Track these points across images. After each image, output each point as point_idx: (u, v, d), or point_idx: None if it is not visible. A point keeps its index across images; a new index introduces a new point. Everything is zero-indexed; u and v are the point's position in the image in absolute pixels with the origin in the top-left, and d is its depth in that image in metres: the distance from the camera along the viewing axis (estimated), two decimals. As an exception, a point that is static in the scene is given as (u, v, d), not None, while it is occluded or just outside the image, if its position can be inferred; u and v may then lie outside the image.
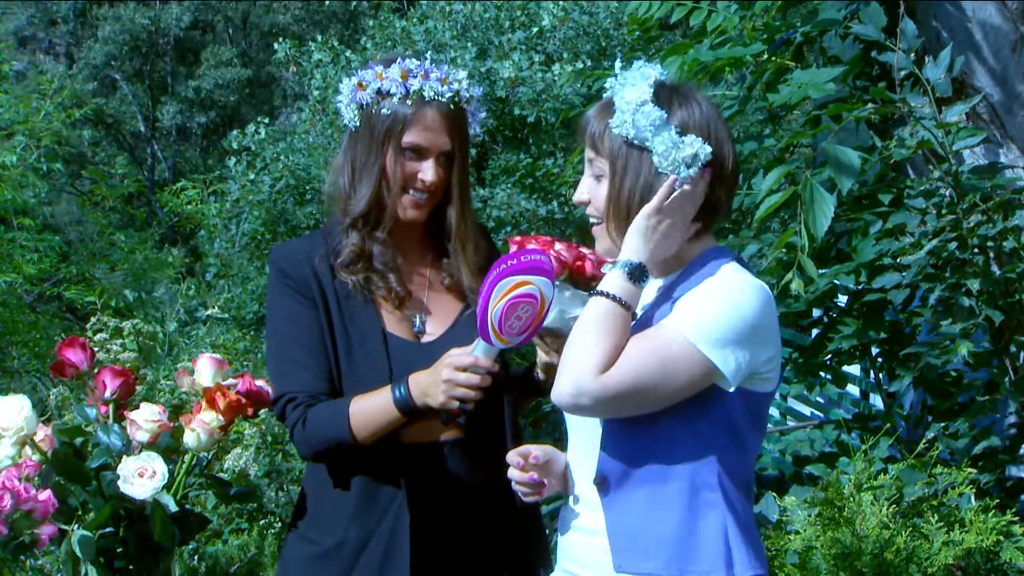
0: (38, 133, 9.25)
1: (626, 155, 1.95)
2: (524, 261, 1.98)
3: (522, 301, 1.99)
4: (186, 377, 2.40)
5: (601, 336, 1.87)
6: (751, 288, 1.92)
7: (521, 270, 1.98)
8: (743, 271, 1.97)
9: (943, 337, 3.20)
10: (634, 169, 1.94)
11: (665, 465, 1.91)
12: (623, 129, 1.94)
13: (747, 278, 1.94)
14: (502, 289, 1.97)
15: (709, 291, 1.90)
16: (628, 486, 1.92)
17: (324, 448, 2.28)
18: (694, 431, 1.91)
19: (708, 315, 1.88)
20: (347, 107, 2.37)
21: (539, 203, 9.66)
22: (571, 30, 10.52)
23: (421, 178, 2.32)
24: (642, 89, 1.95)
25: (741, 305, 1.89)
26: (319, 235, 2.44)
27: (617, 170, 1.96)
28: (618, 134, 1.95)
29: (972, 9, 3.70)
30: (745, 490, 1.96)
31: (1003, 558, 2.90)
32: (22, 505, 2.09)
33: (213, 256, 12.07)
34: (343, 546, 2.30)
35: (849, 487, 3.03)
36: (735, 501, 1.91)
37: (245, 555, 4.80)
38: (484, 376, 2.13)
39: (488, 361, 2.12)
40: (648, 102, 1.94)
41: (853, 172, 3.04)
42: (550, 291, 2.01)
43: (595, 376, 1.85)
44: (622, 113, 1.94)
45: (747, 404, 1.93)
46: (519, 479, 2.05)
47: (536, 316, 2.01)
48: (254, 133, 11.17)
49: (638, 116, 1.93)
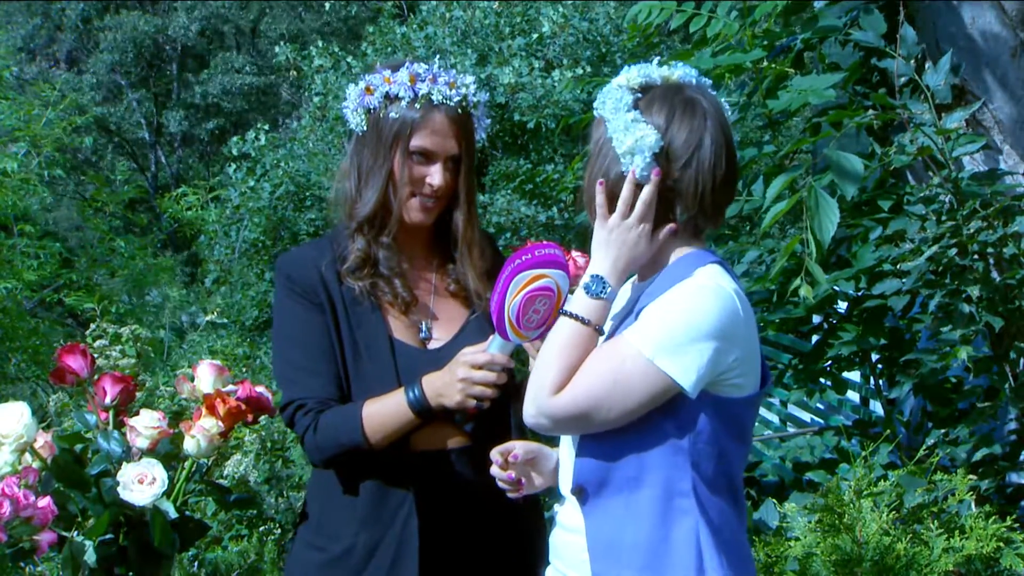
0: (40, 139, 9.26)
1: (598, 137, 1.97)
2: (539, 255, 1.99)
3: (540, 294, 1.99)
4: (186, 383, 2.40)
5: (560, 355, 1.88)
6: (710, 292, 1.87)
7: (537, 264, 1.99)
8: (718, 275, 1.92)
9: (943, 343, 3.20)
10: (600, 150, 1.96)
11: (638, 473, 1.90)
12: (598, 108, 1.97)
13: (709, 284, 1.89)
14: (519, 283, 1.97)
15: (668, 300, 1.87)
16: (604, 494, 1.92)
17: (336, 453, 2.27)
18: (665, 439, 1.89)
19: (663, 326, 1.85)
20: (354, 112, 2.37)
21: (539, 209, 9.67)
22: (571, 36, 10.54)
23: (429, 182, 2.32)
24: (631, 74, 1.97)
25: (696, 310, 1.85)
26: (326, 241, 2.44)
27: (591, 151, 1.99)
28: (597, 114, 1.98)
29: (972, 16, 3.71)
30: (728, 496, 1.94)
31: (1003, 564, 2.90)
32: (21, 512, 2.09)
33: (213, 262, 12.08)
34: (352, 552, 2.30)
35: (849, 493, 3.03)
36: (709, 508, 1.90)
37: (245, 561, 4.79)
38: (500, 373, 2.13)
39: (504, 358, 2.13)
40: (623, 86, 1.95)
41: (856, 178, 3.04)
42: (566, 284, 2.03)
43: (550, 395, 1.86)
44: (601, 94, 1.97)
45: (720, 410, 1.91)
46: (499, 476, 2.09)
47: (554, 309, 2.02)
48: (254, 139, 11.18)
49: (608, 97, 1.95)
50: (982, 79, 3.70)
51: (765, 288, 3.61)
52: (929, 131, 3.29)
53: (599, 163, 1.96)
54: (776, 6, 3.77)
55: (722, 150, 1.93)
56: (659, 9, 3.81)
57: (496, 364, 2.13)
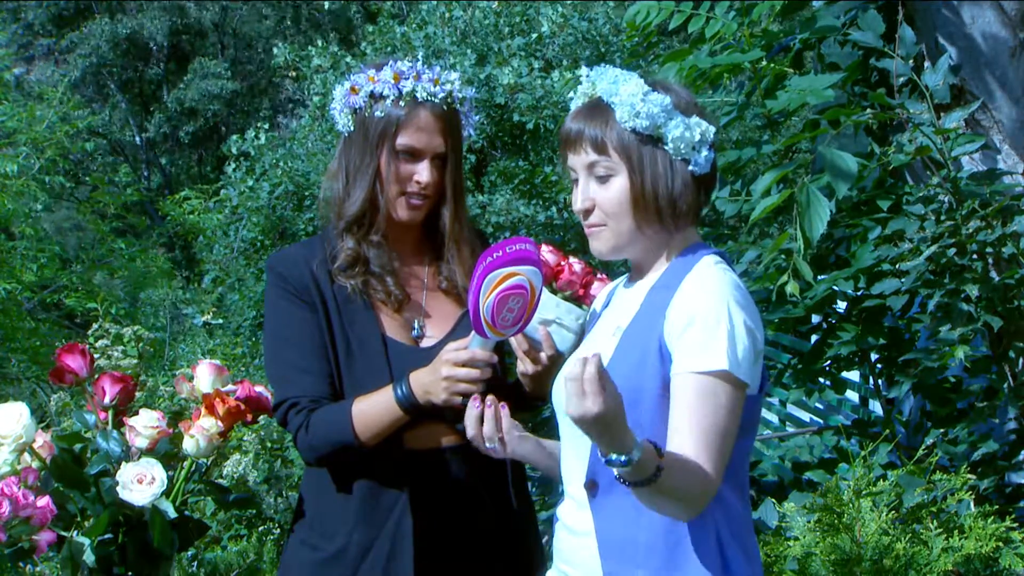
0: (41, 143, 9.27)
1: (639, 147, 1.94)
2: (510, 252, 1.98)
3: (512, 293, 1.98)
4: (185, 383, 2.40)
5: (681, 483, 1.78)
6: (730, 287, 1.91)
7: (508, 261, 1.97)
8: (719, 263, 1.96)
9: (942, 343, 3.20)
10: (651, 159, 1.93)
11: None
12: (634, 122, 1.92)
13: (721, 276, 1.92)
14: (491, 283, 1.96)
15: (699, 313, 1.86)
16: (618, 491, 1.89)
17: (328, 451, 2.27)
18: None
19: (719, 342, 1.84)
20: (340, 112, 2.38)
21: (538, 209, 9.68)
22: (570, 36, 10.54)
23: (416, 180, 2.32)
24: (637, 81, 1.96)
25: (738, 316, 1.87)
26: (317, 241, 2.44)
27: (635, 164, 1.94)
28: (628, 127, 1.93)
29: (971, 15, 3.71)
30: (739, 493, 1.95)
31: (1002, 564, 2.90)
32: (21, 512, 2.09)
33: (211, 262, 12.07)
34: (346, 551, 2.30)
35: (848, 493, 3.03)
36: (726, 504, 1.90)
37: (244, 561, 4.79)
38: (484, 369, 2.13)
39: (486, 353, 2.11)
40: (651, 91, 1.94)
41: (850, 177, 3.04)
42: (539, 280, 2.02)
43: (710, 483, 1.81)
44: (629, 107, 1.92)
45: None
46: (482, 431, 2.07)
47: (528, 306, 2.01)
48: (253, 139, 11.16)
49: (647, 105, 1.92)
50: (981, 79, 3.70)
51: (764, 288, 3.61)
52: (928, 131, 3.29)
53: (650, 173, 1.94)
54: (774, 6, 3.77)
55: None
56: (657, 9, 3.80)
57: (478, 360, 2.11)
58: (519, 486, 2.42)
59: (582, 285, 2.24)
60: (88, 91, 22.98)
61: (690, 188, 1.96)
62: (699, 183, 1.98)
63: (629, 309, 2.00)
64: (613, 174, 1.96)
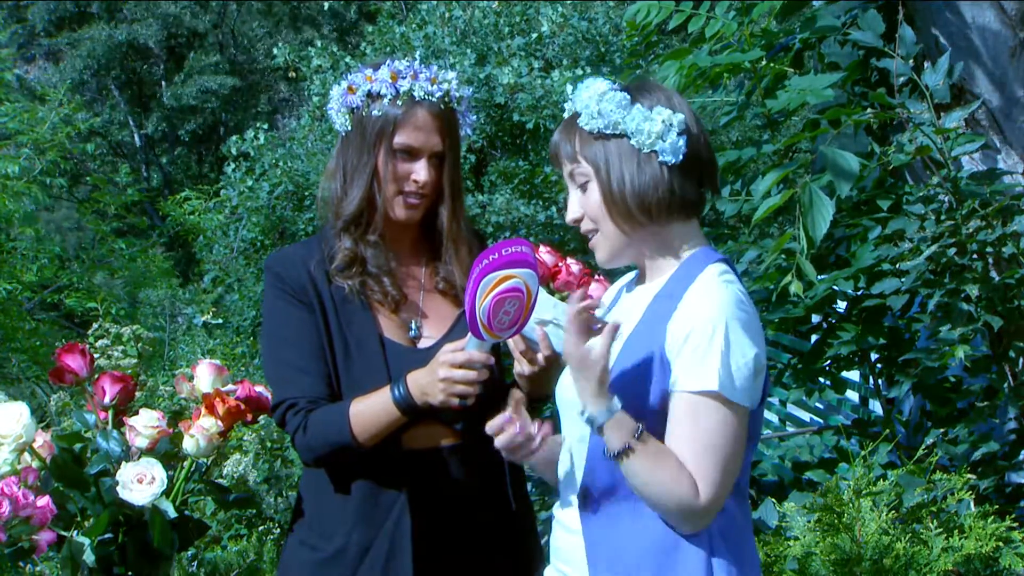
0: (43, 144, 9.27)
1: (604, 148, 1.93)
2: (505, 254, 1.96)
3: (508, 296, 1.97)
4: (185, 383, 2.40)
5: (656, 472, 1.82)
6: (734, 303, 1.88)
7: (504, 264, 1.96)
8: (725, 274, 1.93)
9: (942, 343, 3.20)
10: (616, 156, 1.92)
11: None
12: (592, 123, 1.93)
13: (723, 291, 1.89)
14: (487, 286, 1.95)
15: (700, 328, 1.84)
16: (612, 500, 1.91)
17: (326, 452, 2.27)
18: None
19: (716, 362, 1.83)
20: (337, 112, 2.38)
21: (538, 209, 9.68)
22: (570, 36, 10.55)
23: (414, 179, 2.32)
24: (599, 84, 1.96)
25: (736, 335, 1.85)
26: (315, 241, 2.43)
27: (601, 166, 1.94)
28: (589, 130, 1.94)
29: (971, 15, 3.71)
30: (738, 499, 1.94)
31: (1002, 564, 2.90)
32: (21, 511, 2.09)
33: (211, 262, 12.07)
34: (345, 551, 2.30)
35: (848, 493, 3.03)
36: (727, 512, 1.89)
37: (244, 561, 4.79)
38: (481, 370, 2.12)
39: (483, 355, 2.11)
40: (609, 90, 1.94)
41: (851, 176, 3.04)
42: (535, 282, 2.01)
43: (697, 500, 1.82)
44: (587, 109, 1.93)
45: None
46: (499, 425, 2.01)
47: (524, 308, 2.01)
48: (253, 139, 11.16)
49: (603, 104, 1.92)
50: (981, 79, 3.70)
51: (764, 288, 3.61)
52: (928, 131, 3.29)
53: (616, 171, 1.92)
54: (774, 6, 3.77)
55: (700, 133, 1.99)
56: (657, 8, 3.80)
57: (475, 362, 2.11)
58: (517, 486, 2.42)
59: (579, 286, 2.23)
60: (88, 92, 22.99)
61: (662, 180, 1.91)
62: (677, 173, 1.93)
63: (633, 315, 1.99)
64: (588, 179, 1.96)
